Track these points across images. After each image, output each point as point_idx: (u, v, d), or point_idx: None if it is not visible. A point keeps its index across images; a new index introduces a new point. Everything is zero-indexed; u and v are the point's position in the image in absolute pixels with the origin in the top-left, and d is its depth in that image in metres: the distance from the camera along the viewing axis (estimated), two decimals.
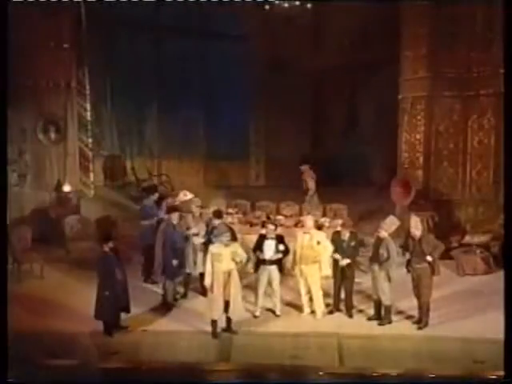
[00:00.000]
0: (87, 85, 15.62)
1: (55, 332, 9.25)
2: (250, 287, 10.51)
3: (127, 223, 13.79)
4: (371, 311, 9.96)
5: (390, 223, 9.77)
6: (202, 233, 10.63)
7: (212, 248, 9.33)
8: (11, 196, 12.49)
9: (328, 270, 9.87)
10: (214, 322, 9.25)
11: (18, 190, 13.62)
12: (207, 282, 9.22)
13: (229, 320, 9.35)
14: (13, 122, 12.99)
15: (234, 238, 10.05)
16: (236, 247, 9.40)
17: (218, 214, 10.72)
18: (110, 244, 9.33)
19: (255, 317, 9.98)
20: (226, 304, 9.18)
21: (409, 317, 9.85)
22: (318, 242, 9.80)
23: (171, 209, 10.84)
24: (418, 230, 9.50)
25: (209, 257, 9.25)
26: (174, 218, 10.42)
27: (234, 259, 9.22)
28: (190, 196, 12.12)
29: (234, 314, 9.28)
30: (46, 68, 13.67)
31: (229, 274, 9.16)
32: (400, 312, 10.00)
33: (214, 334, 9.25)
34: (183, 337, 9.30)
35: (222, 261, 9.11)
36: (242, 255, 9.38)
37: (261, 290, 10.01)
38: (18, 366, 7.21)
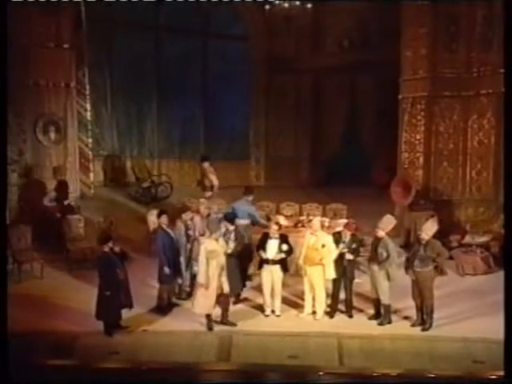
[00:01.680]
0: (87, 85, 15.65)
1: (55, 332, 9.25)
2: (257, 288, 10.52)
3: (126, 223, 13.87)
4: (371, 311, 9.96)
5: (387, 222, 9.76)
6: (208, 234, 10.61)
7: (206, 245, 9.40)
8: (11, 196, 12.52)
9: (333, 274, 9.83)
10: (208, 316, 9.41)
11: (18, 190, 13.60)
12: (201, 279, 9.25)
13: (225, 313, 9.51)
14: (13, 122, 13.02)
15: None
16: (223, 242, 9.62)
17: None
18: (110, 244, 9.34)
19: (266, 316, 10.01)
20: (218, 297, 9.35)
21: (409, 317, 9.84)
22: (323, 245, 9.78)
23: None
24: (427, 235, 9.43)
25: (203, 255, 9.31)
26: (164, 221, 10.30)
27: (225, 253, 9.49)
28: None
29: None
30: (46, 68, 13.67)
31: (222, 268, 9.34)
32: (400, 312, 9.99)
33: (210, 327, 9.41)
34: (183, 337, 9.29)
35: (216, 257, 9.27)
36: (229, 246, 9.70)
37: (266, 290, 10.01)
38: (18, 366, 7.20)
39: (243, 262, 10.43)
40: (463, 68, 13.61)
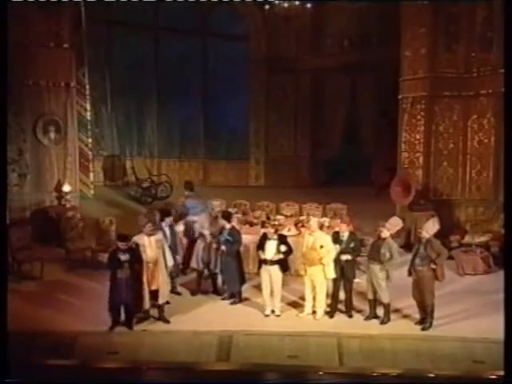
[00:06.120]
0: (87, 85, 15.69)
1: (55, 331, 9.25)
2: (257, 287, 10.53)
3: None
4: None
5: (395, 224, 9.76)
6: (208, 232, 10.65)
7: (136, 239, 9.41)
8: (11, 196, 12.51)
9: (333, 274, 9.81)
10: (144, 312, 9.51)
11: (18, 190, 13.60)
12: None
13: (161, 308, 9.57)
14: (13, 122, 13.02)
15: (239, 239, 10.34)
16: (160, 235, 9.67)
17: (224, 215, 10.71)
18: (123, 244, 9.31)
19: (266, 316, 9.98)
20: (152, 293, 9.41)
21: (409, 317, 9.84)
22: (321, 246, 9.76)
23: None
24: (428, 234, 9.41)
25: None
26: (168, 222, 10.39)
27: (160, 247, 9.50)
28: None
29: (162, 299, 9.54)
30: (46, 68, 13.67)
31: (155, 263, 9.38)
32: (400, 312, 9.99)
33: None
34: (183, 337, 9.29)
35: (145, 251, 9.31)
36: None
37: (265, 290, 10.00)
38: (18, 365, 7.20)
39: (240, 261, 10.49)
40: (463, 68, 13.62)
